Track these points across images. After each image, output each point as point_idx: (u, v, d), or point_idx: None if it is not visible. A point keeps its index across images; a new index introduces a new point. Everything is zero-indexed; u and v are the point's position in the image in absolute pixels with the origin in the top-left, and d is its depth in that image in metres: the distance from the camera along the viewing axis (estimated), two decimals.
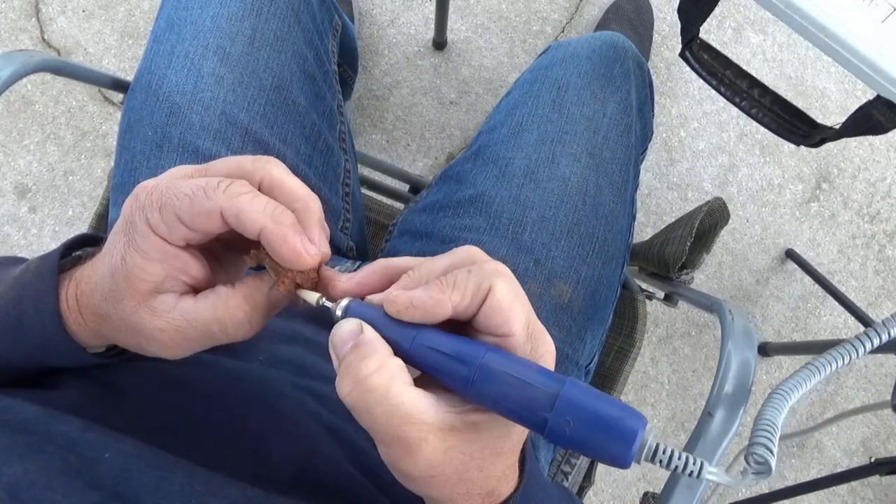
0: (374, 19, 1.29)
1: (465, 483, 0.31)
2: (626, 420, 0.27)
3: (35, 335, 0.35)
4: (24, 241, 1.27)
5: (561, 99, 0.63)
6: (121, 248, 0.31)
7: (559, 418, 0.27)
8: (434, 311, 0.29)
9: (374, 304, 0.31)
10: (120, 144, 0.62)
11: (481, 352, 0.29)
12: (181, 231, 0.31)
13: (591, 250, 0.61)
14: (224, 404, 0.42)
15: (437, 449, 0.28)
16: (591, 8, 1.32)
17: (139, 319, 0.32)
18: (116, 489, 0.32)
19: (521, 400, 0.28)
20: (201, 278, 0.33)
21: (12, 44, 1.29)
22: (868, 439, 1.31)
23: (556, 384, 0.28)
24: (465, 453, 0.29)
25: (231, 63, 0.59)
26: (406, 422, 0.28)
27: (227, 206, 0.30)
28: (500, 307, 0.29)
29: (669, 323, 1.31)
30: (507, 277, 0.30)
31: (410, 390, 0.28)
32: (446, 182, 0.68)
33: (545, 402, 0.27)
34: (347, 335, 0.30)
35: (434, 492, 0.31)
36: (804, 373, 0.33)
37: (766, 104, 0.69)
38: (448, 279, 0.30)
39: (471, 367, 0.28)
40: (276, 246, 0.30)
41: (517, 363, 0.29)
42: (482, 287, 0.29)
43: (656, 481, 1.29)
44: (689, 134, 1.31)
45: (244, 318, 0.32)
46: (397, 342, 0.30)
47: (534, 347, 0.30)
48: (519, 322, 0.29)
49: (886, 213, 1.33)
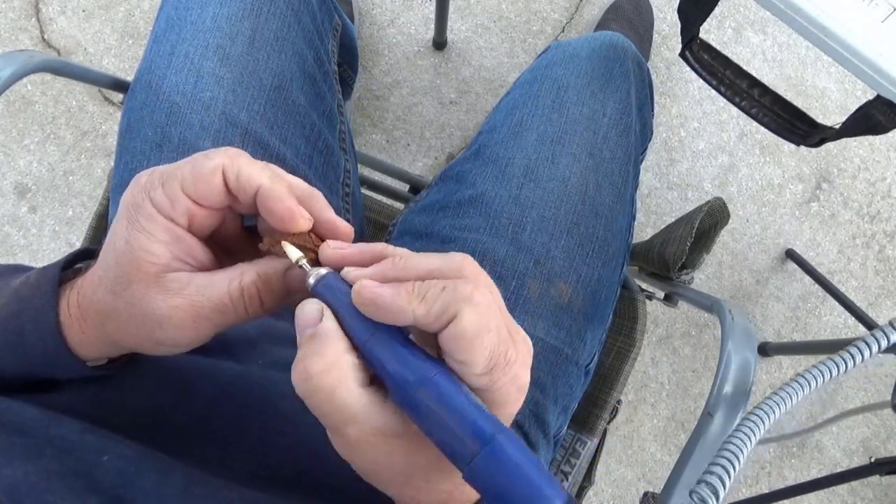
0: (374, 19, 1.29)
1: (412, 489, 0.30)
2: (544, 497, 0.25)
3: (35, 350, 0.35)
4: (24, 241, 1.27)
5: (560, 99, 0.63)
6: (124, 232, 0.31)
7: (477, 474, 0.26)
8: (396, 317, 0.28)
9: (349, 282, 0.30)
10: (120, 144, 0.62)
11: (429, 373, 0.28)
12: (184, 202, 0.31)
13: (591, 250, 0.61)
14: (224, 406, 0.42)
15: (377, 450, 0.29)
16: (591, 8, 1.31)
17: (150, 303, 0.31)
18: (115, 492, 0.32)
19: (445, 439, 0.27)
20: (206, 261, 0.33)
21: (12, 44, 1.29)
22: (868, 439, 1.31)
23: (480, 440, 0.26)
24: (409, 462, 0.29)
25: (231, 63, 0.59)
26: (349, 422, 0.28)
27: (227, 163, 0.31)
28: (463, 337, 0.27)
29: (669, 323, 1.31)
30: (479, 306, 0.28)
31: (357, 392, 0.28)
32: (446, 182, 0.68)
33: (464, 452, 0.26)
34: (309, 319, 0.29)
35: (381, 487, 0.31)
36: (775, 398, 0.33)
37: (766, 104, 0.68)
38: (420, 288, 0.28)
39: (409, 391, 0.28)
40: (271, 204, 0.31)
41: (454, 398, 0.27)
42: (448, 311, 0.28)
43: (656, 481, 1.29)
44: (689, 134, 1.31)
45: (256, 294, 0.32)
46: (357, 334, 0.29)
47: (492, 381, 0.29)
48: (479, 355, 0.28)
49: (886, 213, 1.33)
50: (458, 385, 0.28)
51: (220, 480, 0.34)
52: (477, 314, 0.28)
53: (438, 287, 0.28)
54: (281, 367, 0.49)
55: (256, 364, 0.48)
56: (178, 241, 0.32)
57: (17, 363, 0.36)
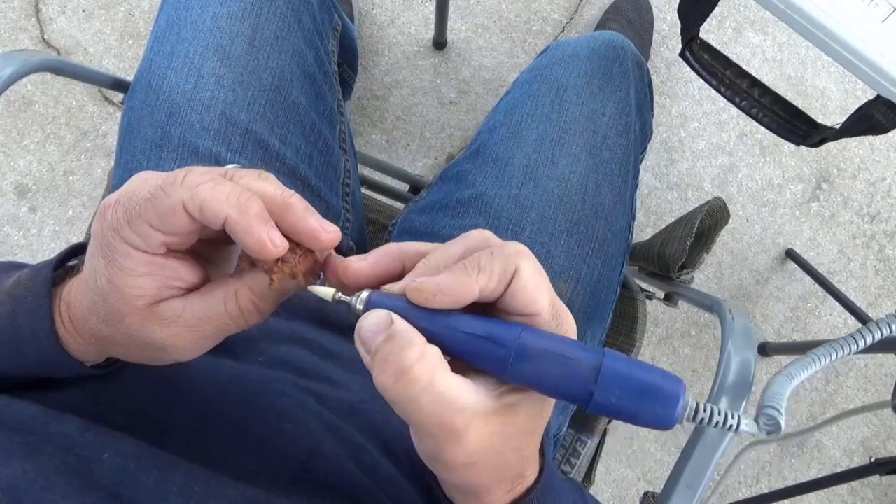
0: (374, 19, 1.29)
1: (502, 467, 0.31)
2: (668, 385, 0.28)
3: (32, 351, 0.35)
4: (24, 241, 1.27)
5: (560, 98, 0.63)
6: (103, 271, 0.30)
7: (605, 390, 0.28)
8: (462, 296, 0.29)
9: (395, 294, 0.30)
10: (120, 144, 0.62)
11: (516, 332, 0.29)
12: (157, 237, 0.29)
13: (591, 250, 0.61)
14: (224, 404, 0.42)
15: (481, 434, 0.28)
16: (591, 8, 1.31)
17: (149, 333, 0.31)
18: (115, 489, 0.31)
19: (563, 376, 0.28)
20: (196, 281, 0.32)
21: (12, 44, 1.29)
22: (868, 439, 1.31)
23: (596, 356, 0.28)
24: (505, 436, 0.29)
25: (231, 63, 0.59)
26: (451, 409, 0.28)
27: (187, 198, 0.28)
28: (528, 288, 0.29)
29: (669, 323, 1.31)
30: (530, 258, 0.30)
31: (453, 377, 0.28)
32: (446, 182, 0.68)
33: (588, 376, 0.28)
34: (377, 326, 0.29)
35: (473, 479, 0.31)
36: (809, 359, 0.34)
37: (766, 104, 0.68)
38: (471, 263, 0.29)
39: (508, 348, 0.28)
40: (240, 237, 0.29)
41: (553, 340, 0.29)
42: (508, 269, 0.29)
43: (656, 481, 1.29)
44: (689, 134, 1.31)
45: (254, 307, 0.32)
46: (427, 330, 0.29)
47: (559, 324, 0.30)
48: (545, 301, 0.29)
49: (886, 213, 1.33)
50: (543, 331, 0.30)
51: (221, 478, 0.34)
52: (533, 264, 0.30)
53: (487, 255, 0.29)
54: (281, 365, 0.49)
55: (256, 362, 0.48)
56: (161, 268, 0.30)
57: (14, 363, 0.36)
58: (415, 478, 0.44)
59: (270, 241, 0.29)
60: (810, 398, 1.32)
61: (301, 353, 0.51)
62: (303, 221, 0.31)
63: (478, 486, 0.31)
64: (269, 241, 0.29)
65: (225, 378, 0.44)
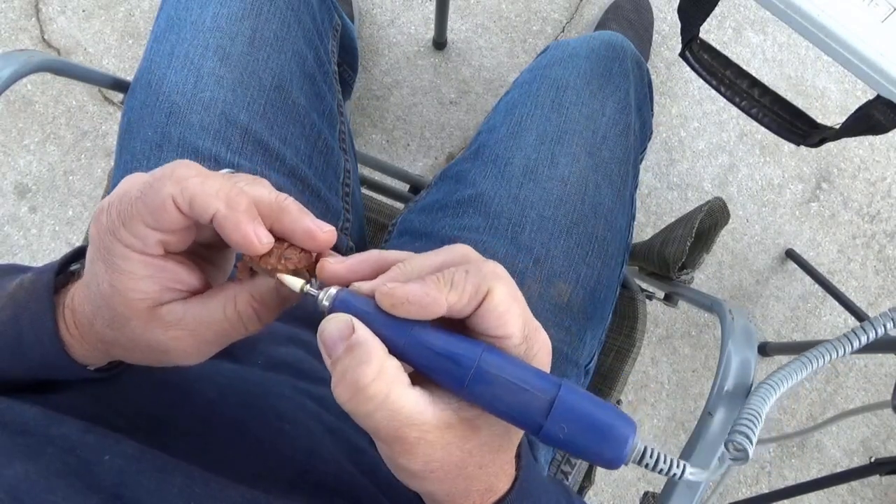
0: (374, 19, 1.29)
1: (465, 479, 0.30)
2: (619, 426, 0.28)
3: (35, 354, 0.35)
4: (24, 241, 1.27)
5: (560, 98, 0.63)
6: (105, 275, 0.30)
7: (554, 424, 0.27)
8: (430, 309, 0.28)
9: (364, 295, 0.30)
10: (120, 144, 0.62)
11: (477, 352, 0.28)
12: (154, 237, 0.29)
13: (591, 250, 0.61)
14: (224, 406, 0.42)
15: (435, 446, 0.28)
16: (591, 8, 1.31)
17: (152, 336, 0.31)
18: (116, 491, 0.31)
19: (516, 404, 0.28)
20: (196, 284, 0.32)
21: (12, 44, 1.29)
22: (868, 439, 1.31)
23: (552, 388, 0.28)
24: (464, 450, 0.29)
25: (231, 63, 0.59)
26: (406, 424, 0.28)
27: (176, 192, 0.28)
28: (498, 311, 0.29)
29: (669, 323, 1.31)
30: (505, 280, 0.30)
31: (409, 393, 0.28)
32: (446, 182, 0.68)
33: (540, 407, 0.28)
34: (339, 333, 0.28)
35: (433, 486, 0.31)
36: (794, 365, 0.34)
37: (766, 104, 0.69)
38: (445, 277, 0.29)
39: (466, 369, 0.28)
40: (227, 232, 0.29)
41: (513, 366, 0.28)
42: (480, 290, 0.28)
43: (656, 481, 1.29)
44: (689, 134, 1.31)
45: (253, 313, 0.32)
46: (390, 338, 0.29)
47: (528, 347, 0.30)
48: (515, 325, 0.29)
49: (886, 213, 1.33)
50: (506, 355, 0.29)
51: (222, 479, 0.34)
52: (506, 286, 0.29)
53: (462, 271, 0.29)
54: (280, 367, 0.49)
55: (256, 364, 0.48)
56: (161, 270, 0.30)
57: (17, 366, 0.36)
58: None
59: (256, 237, 0.29)
60: (810, 398, 1.32)
61: (300, 355, 0.51)
62: (299, 222, 0.31)
63: (440, 494, 0.31)
64: (255, 237, 0.29)
65: (224, 380, 0.44)
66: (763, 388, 0.31)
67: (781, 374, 0.32)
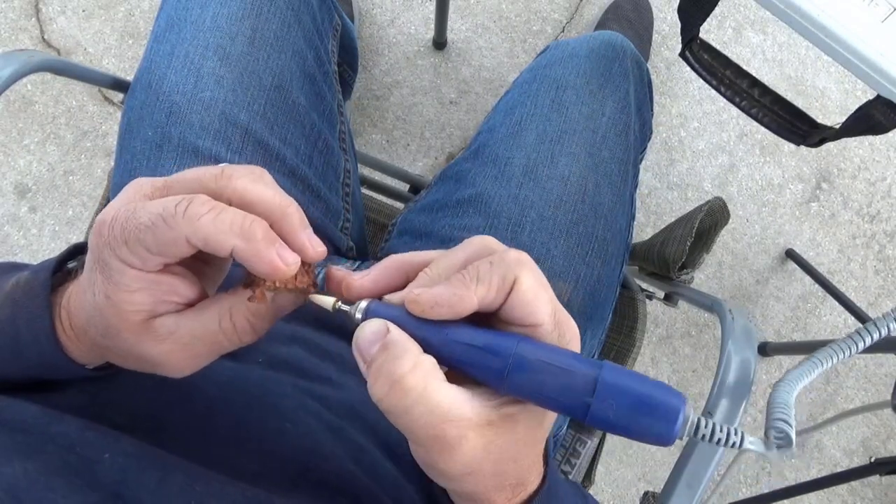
0: (374, 19, 1.29)
1: (500, 476, 0.30)
2: (668, 399, 0.27)
3: (33, 354, 0.35)
4: (24, 241, 1.27)
5: (560, 98, 0.63)
6: (101, 286, 0.30)
7: (602, 403, 0.27)
8: (460, 308, 0.28)
9: (394, 304, 0.30)
10: (120, 144, 0.62)
11: (513, 343, 0.28)
12: (154, 259, 0.29)
13: (591, 250, 0.61)
14: (225, 405, 0.42)
15: (476, 445, 0.28)
16: (591, 8, 1.32)
17: (144, 348, 0.31)
18: (116, 489, 0.31)
19: (560, 388, 0.28)
20: (192, 296, 0.32)
21: (12, 44, 1.29)
22: (868, 439, 1.31)
23: (594, 369, 0.28)
24: (502, 446, 0.29)
25: (231, 63, 0.59)
26: (445, 420, 0.27)
27: (190, 232, 0.28)
28: (527, 298, 0.28)
29: (669, 323, 1.31)
30: (530, 267, 0.29)
31: (447, 387, 0.28)
32: (446, 182, 0.68)
33: (586, 388, 0.27)
34: (373, 336, 0.29)
35: (470, 487, 0.30)
36: (807, 365, 0.34)
37: (766, 104, 0.69)
38: (470, 273, 0.29)
39: (504, 359, 0.28)
40: (251, 264, 0.29)
41: (550, 351, 0.28)
42: (507, 279, 0.28)
43: (656, 481, 1.29)
44: (689, 134, 1.31)
45: (248, 325, 0.32)
46: (425, 339, 0.29)
47: (560, 334, 0.30)
48: (546, 311, 0.29)
49: (886, 213, 1.33)
50: (541, 342, 0.29)
51: (222, 477, 0.34)
52: (532, 273, 0.29)
53: (486, 265, 0.29)
54: (281, 366, 0.49)
55: (256, 363, 0.48)
56: (157, 284, 0.30)
57: (15, 365, 0.36)
58: (415, 478, 0.44)
59: (282, 261, 0.29)
60: (810, 398, 1.32)
61: (301, 353, 0.51)
62: (293, 235, 0.31)
63: (475, 493, 0.31)
64: (280, 263, 0.29)
65: (225, 379, 0.44)
66: (783, 383, 0.31)
67: (797, 373, 0.32)
